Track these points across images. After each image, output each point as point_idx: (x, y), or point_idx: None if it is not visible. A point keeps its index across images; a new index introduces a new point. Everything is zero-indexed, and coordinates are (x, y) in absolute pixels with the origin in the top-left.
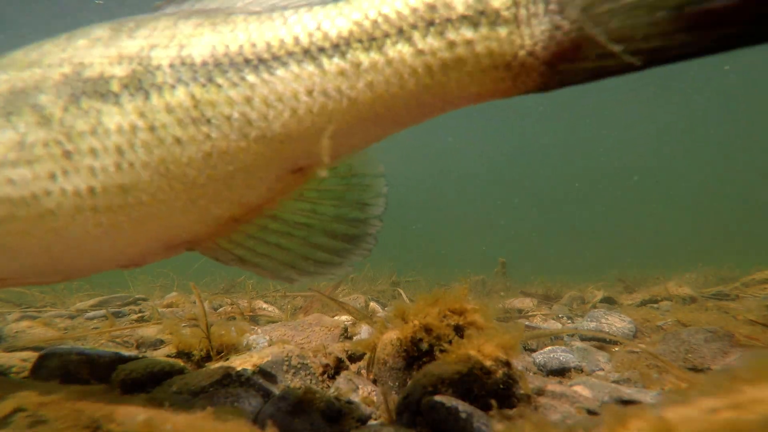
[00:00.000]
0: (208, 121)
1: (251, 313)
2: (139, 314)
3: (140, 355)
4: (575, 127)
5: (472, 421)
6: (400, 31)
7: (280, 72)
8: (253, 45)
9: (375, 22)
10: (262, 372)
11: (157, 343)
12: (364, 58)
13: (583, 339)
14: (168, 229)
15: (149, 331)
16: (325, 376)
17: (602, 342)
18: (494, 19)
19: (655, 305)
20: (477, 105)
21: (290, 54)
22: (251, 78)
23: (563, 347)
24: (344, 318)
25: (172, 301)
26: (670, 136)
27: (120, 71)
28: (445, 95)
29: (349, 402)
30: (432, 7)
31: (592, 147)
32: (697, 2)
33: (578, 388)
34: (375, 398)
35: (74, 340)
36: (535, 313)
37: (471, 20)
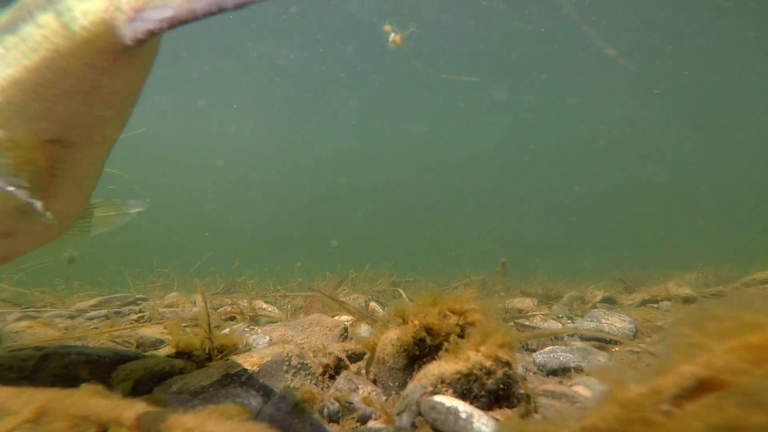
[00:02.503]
0: None
1: (251, 313)
2: (139, 314)
3: (141, 355)
4: (574, 126)
5: (472, 421)
6: (30, 14)
7: None
8: None
9: (14, 13)
10: (263, 372)
11: (157, 343)
12: (9, 40)
13: (583, 339)
14: None
15: (149, 331)
16: (325, 376)
17: (602, 342)
18: None
19: (655, 305)
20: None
21: None
22: None
23: (563, 347)
24: (344, 318)
25: (172, 301)
26: (669, 136)
27: None
28: (74, 58)
29: (349, 402)
30: None
31: (591, 146)
32: None
33: (578, 388)
34: (375, 398)
35: (74, 340)
36: (535, 313)
37: None
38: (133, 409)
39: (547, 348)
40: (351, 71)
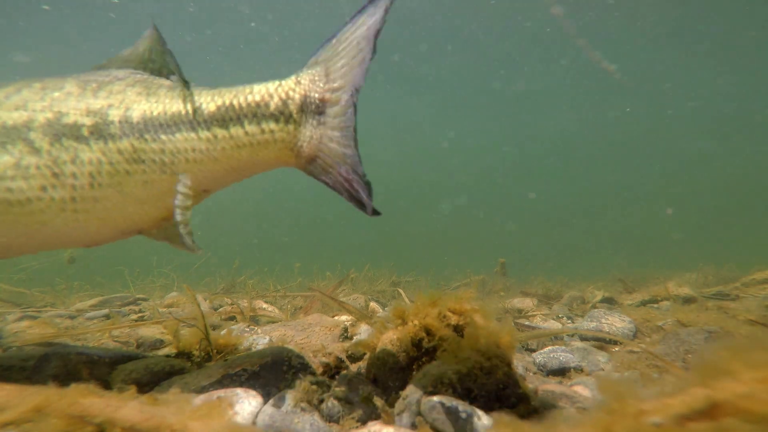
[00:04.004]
0: (143, 161)
1: (252, 313)
2: (139, 314)
3: (141, 355)
4: (572, 126)
5: (472, 421)
6: (238, 118)
7: (177, 135)
8: (164, 113)
9: (226, 109)
10: (262, 372)
11: (158, 343)
12: (219, 132)
13: (583, 339)
14: (123, 223)
15: (149, 331)
16: (326, 376)
17: (602, 342)
18: (288, 118)
19: (655, 305)
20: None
21: (183, 122)
22: (162, 136)
23: (563, 347)
24: (344, 318)
25: (172, 301)
26: (669, 136)
27: (88, 122)
28: (263, 159)
29: (349, 402)
30: (258, 105)
31: (591, 145)
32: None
33: (578, 388)
34: (375, 398)
35: (74, 340)
36: (535, 313)
37: (275, 117)
38: (127, 408)
39: (547, 348)
40: None
